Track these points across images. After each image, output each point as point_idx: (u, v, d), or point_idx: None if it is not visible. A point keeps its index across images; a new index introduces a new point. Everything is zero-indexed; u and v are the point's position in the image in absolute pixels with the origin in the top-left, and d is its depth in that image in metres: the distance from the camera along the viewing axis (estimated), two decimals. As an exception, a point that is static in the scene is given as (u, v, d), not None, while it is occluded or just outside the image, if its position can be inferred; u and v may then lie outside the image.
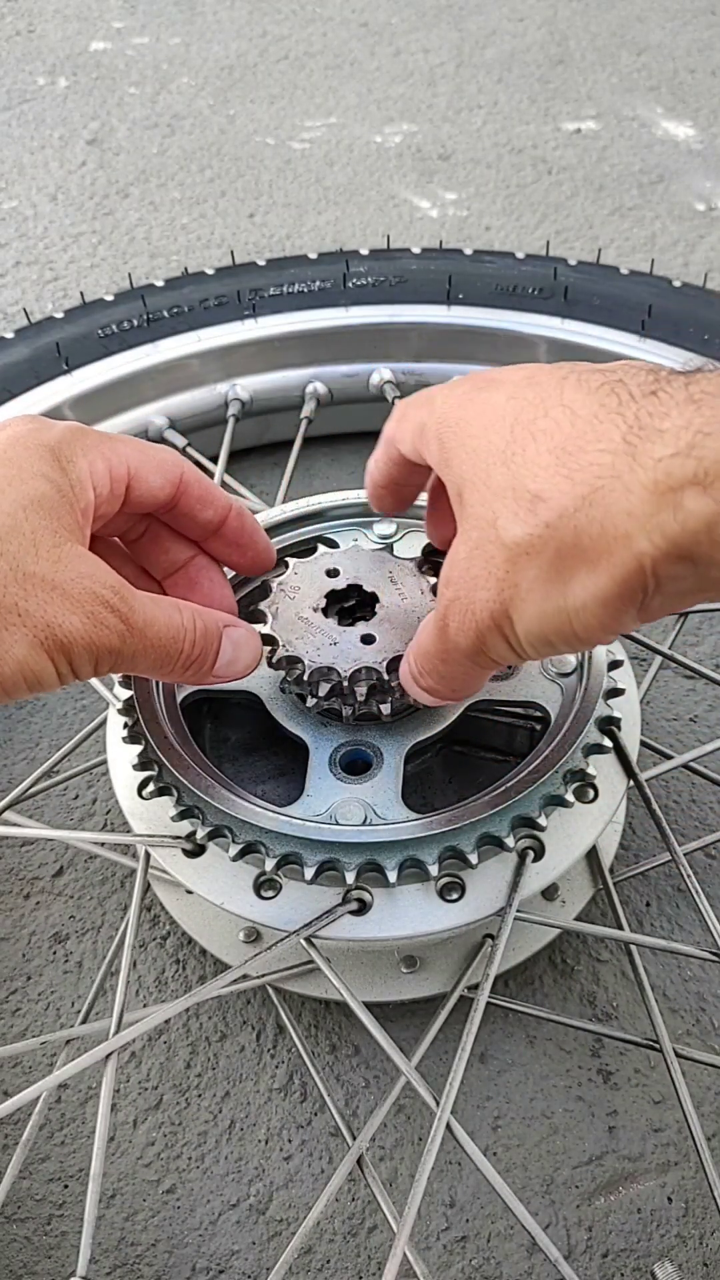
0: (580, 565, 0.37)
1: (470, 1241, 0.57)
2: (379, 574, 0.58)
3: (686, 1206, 0.58)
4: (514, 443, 0.40)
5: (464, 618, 0.42)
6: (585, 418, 0.37)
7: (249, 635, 0.52)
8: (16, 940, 0.70)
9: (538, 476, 0.38)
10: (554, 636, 0.40)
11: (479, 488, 0.41)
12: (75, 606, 0.42)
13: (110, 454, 0.48)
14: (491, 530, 0.40)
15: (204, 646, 0.49)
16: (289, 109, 1.50)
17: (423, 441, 0.46)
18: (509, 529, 0.39)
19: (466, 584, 0.41)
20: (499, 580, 0.40)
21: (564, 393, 0.39)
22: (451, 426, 0.44)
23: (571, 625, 0.39)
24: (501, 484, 0.39)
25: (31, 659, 0.42)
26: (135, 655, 0.45)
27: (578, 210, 1.31)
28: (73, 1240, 0.58)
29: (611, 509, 0.35)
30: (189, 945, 0.68)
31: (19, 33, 1.68)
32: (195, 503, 0.53)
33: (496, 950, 0.53)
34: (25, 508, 0.43)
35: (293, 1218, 0.58)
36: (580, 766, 0.54)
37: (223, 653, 0.50)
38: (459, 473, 0.42)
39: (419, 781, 0.61)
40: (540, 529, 0.38)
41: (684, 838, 0.71)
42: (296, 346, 0.93)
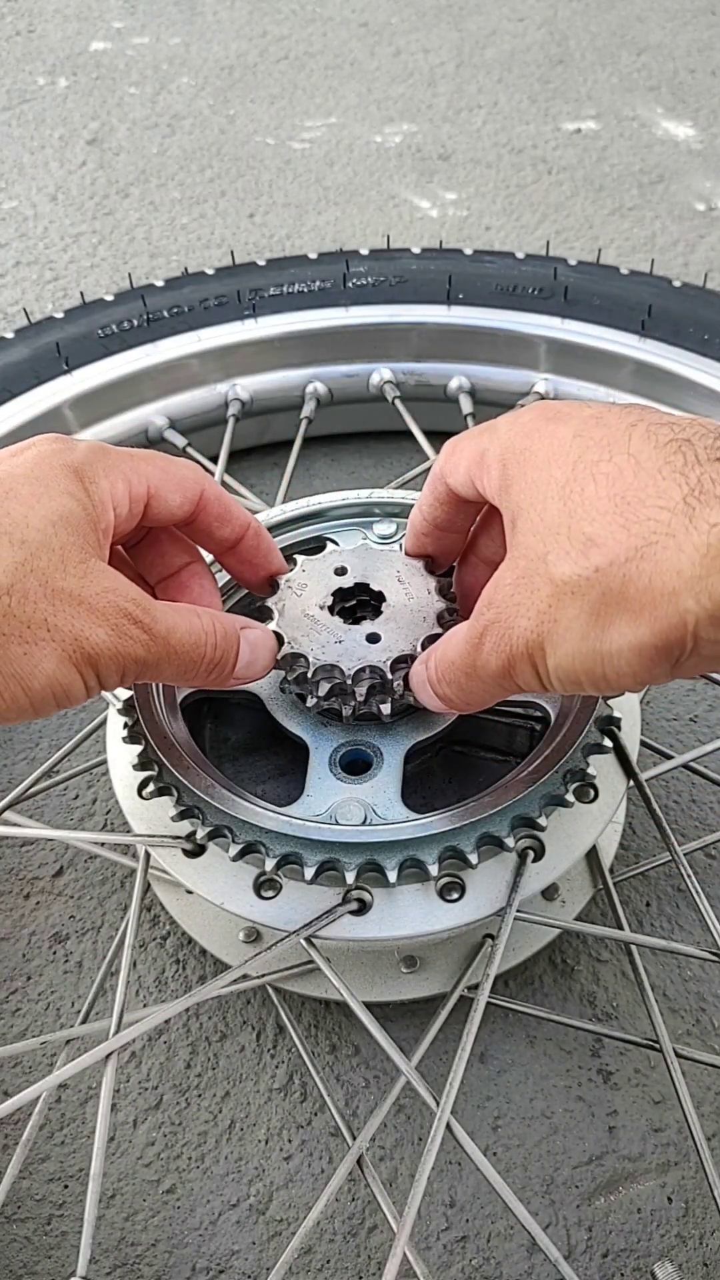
0: (623, 613, 0.38)
1: (470, 1241, 0.57)
2: (386, 573, 0.58)
3: (686, 1206, 0.58)
4: (574, 480, 0.41)
5: (499, 641, 0.43)
6: (649, 470, 0.38)
7: (264, 636, 0.53)
8: (16, 940, 0.70)
9: (594, 520, 0.39)
10: (583, 676, 0.41)
11: (533, 519, 0.42)
12: (101, 620, 0.43)
13: (131, 474, 0.49)
14: (541, 563, 0.41)
15: (225, 650, 0.50)
16: (289, 109, 1.50)
17: (481, 468, 0.47)
18: (558, 565, 0.40)
19: (508, 609, 0.43)
20: (540, 612, 0.41)
21: (631, 440, 0.40)
22: (516, 454, 0.44)
23: (603, 668, 0.40)
24: (556, 519, 0.41)
25: (60, 673, 0.42)
26: (160, 663, 0.46)
27: (578, 210, 1.31)
28: (73, 1240, 0.58)
29: (662, 565, 0.37)
30: (189, 945, 0.68)
31: (19, 33, 1.68)
32: (214, 520, 0.54)
33: (496, 950, 0.53)
34: (55, 524, 0.43)
35: (293, 1218, 0.58)
36: (580, 766, 0.54)
37: (241, 655, 0.51)
38: (516, 501, 0.44)
39: (419, 781, 0.61)
40: (589, 571, 0.39)
41: (684, 838, 0.71)
42: (296, 346, 0.93)
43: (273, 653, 0.54)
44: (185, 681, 0.50)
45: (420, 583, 0.57)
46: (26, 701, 0.42)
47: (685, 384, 0.86)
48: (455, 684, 0.48)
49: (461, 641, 0.46)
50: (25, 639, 0.41)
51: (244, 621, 0.53)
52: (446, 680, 0.49)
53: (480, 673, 0.45)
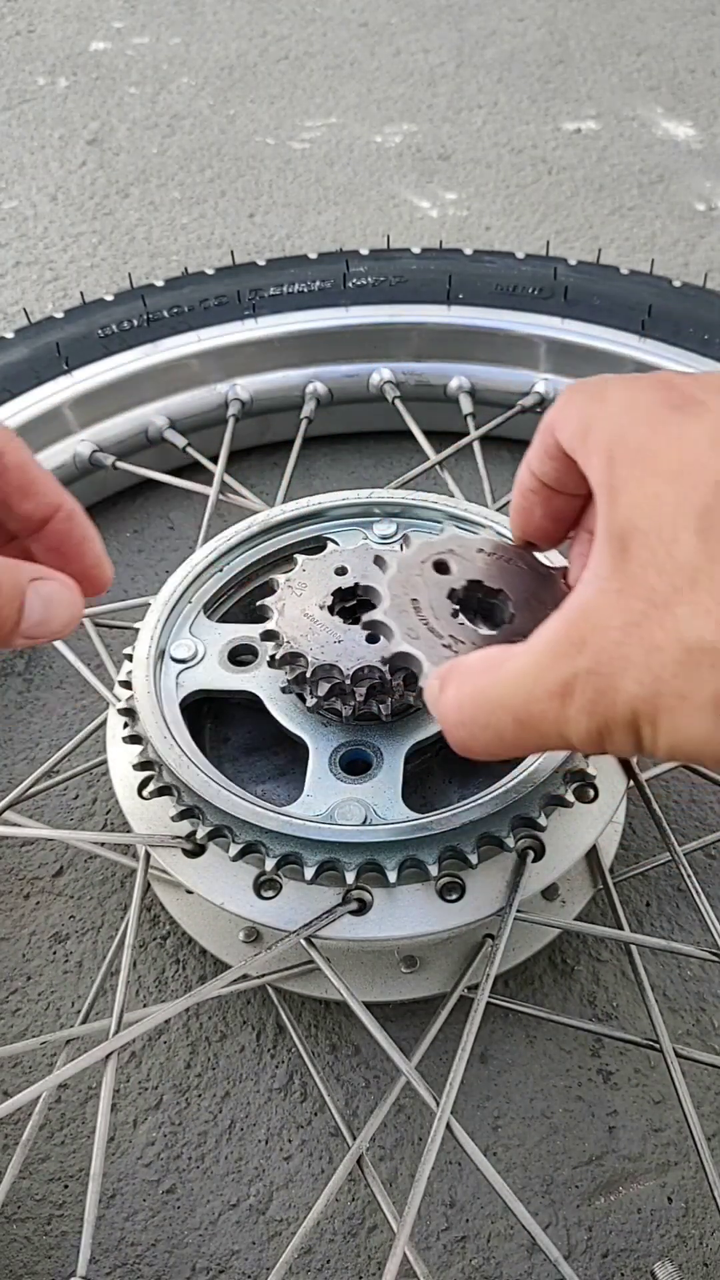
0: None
1: (470, 1241, 0.57)
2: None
3: (686, 1206, 0.58)
4: (718, 511, 0.33)
5: (597, 700, 0.34)
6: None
7: (62, 589, 0.45)
8: (16, 940, 0.70)
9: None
10: (709, 758, 0.33)
11: (655, 549, 0.34)
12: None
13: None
14: (665, 614, 0.33)
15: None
16: (289, 109, 1.50)
17: (584, 448, 0.39)
18: (695, 627, 0.32)
19: (613, 663, 0.34)
20: (658, 678, 0.33)
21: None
22: (631, 451, 0.36)
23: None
24: (691, 559, 0.33)
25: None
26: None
27: (578, 210, 1.31)
28: (73, 1240, 0.58)
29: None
30: (189, 945, 0.68)
31: (19, 33, 1.68)
32: (13, 491, 0.45)
33: (496, 950, 0.53)
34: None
35: (293, 1218, 0.58)
36: (580, 766, 0.54)
37: (29, 610, 0.43)
38: (628, 515, 0.35)
39: (419, 781, 0.61)
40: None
41: (684, 838, 0.71)
42: (296, 346, 0.93)
43: (74, 607, 0.45)
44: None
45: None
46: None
47: (685, 384, 0.86)
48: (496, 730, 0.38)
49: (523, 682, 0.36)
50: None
51: (37, 571, 0.44)
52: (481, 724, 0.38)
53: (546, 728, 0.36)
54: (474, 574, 0.48)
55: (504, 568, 0.48)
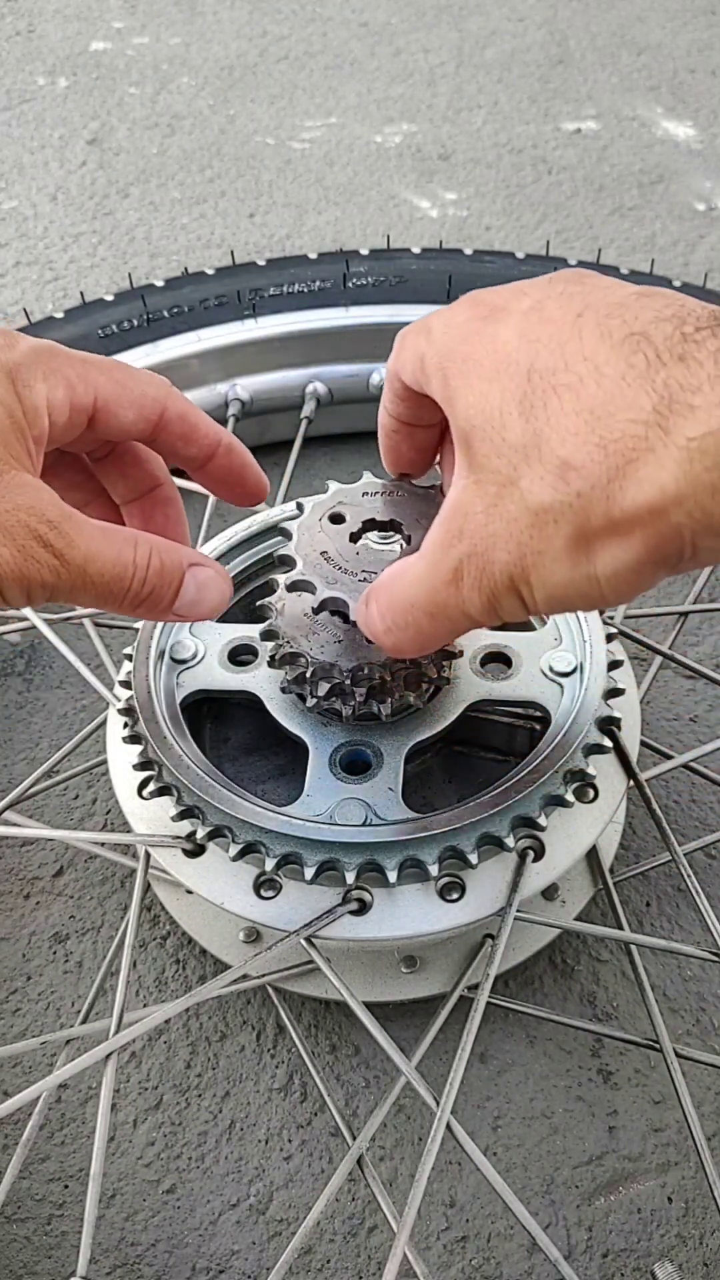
0: (612, 535, 0.36)
1: (470, 1241, 0.57)
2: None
3: (686, 1206, 0.58)
4: (532, 394, 0.38)
5: (480, 576, 0.40)
6: (612, 378, 0.36)
7: (217, 577, 0.49)
8: (16, 940, 0.70)
9: (565, 441, 0.36)
10: (577, 599, 0.39)
11: (493, 438, 0.39)
12: (6, 538, 0.40)
13: (77, 381, 0.45)
14: (512, 489, 0.38)
15: (156, 585, 0.46)
16: (289, 109, 1.50)
17: (423, 374, 0.44)
18: (535, 493, 0.37)
19: (483, 541, 0.39)
20: (521, 543, 0.38)
21: (583, 339, 0.37)
22: (456, 362, 0.41)
23: (600, 589, 0.38)
24: (521, 440, 0.38)
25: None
26: (74, 590, 0.43)
27: (578, 210, 1.31)
28: (73, 1240, 0.58)
29: (645, 483, 0.35)
30: (189, 945, 0.68)
31: (19, 33, 1.68)
32: (177, 440, 0.50)
33: (496, 950, 0.53)
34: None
35: (293, 1218, 0.58)
36: (580, 766, 0.54)
37: (184, 591, 0.47)
38: (466, 416, 0.40)
39: (419, 781, 0.61)
40: (571, 497, 0.36)
41: (684, 838, 0.71)
42: (296, 346, 0.93)
43: (224, 594, 0.50)
44: (111, 609, 0.46)
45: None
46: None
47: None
48: (415, 626, 0.44)
49: (423, 580, 0.42)
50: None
51: (195, 556, 0.49)
52: (401, 625, 0.44)
53: (450, 611, 0.42)
54: (365, 514, 0.55)
55: (389, 500, 0.55)
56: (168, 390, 0.49)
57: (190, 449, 0.51)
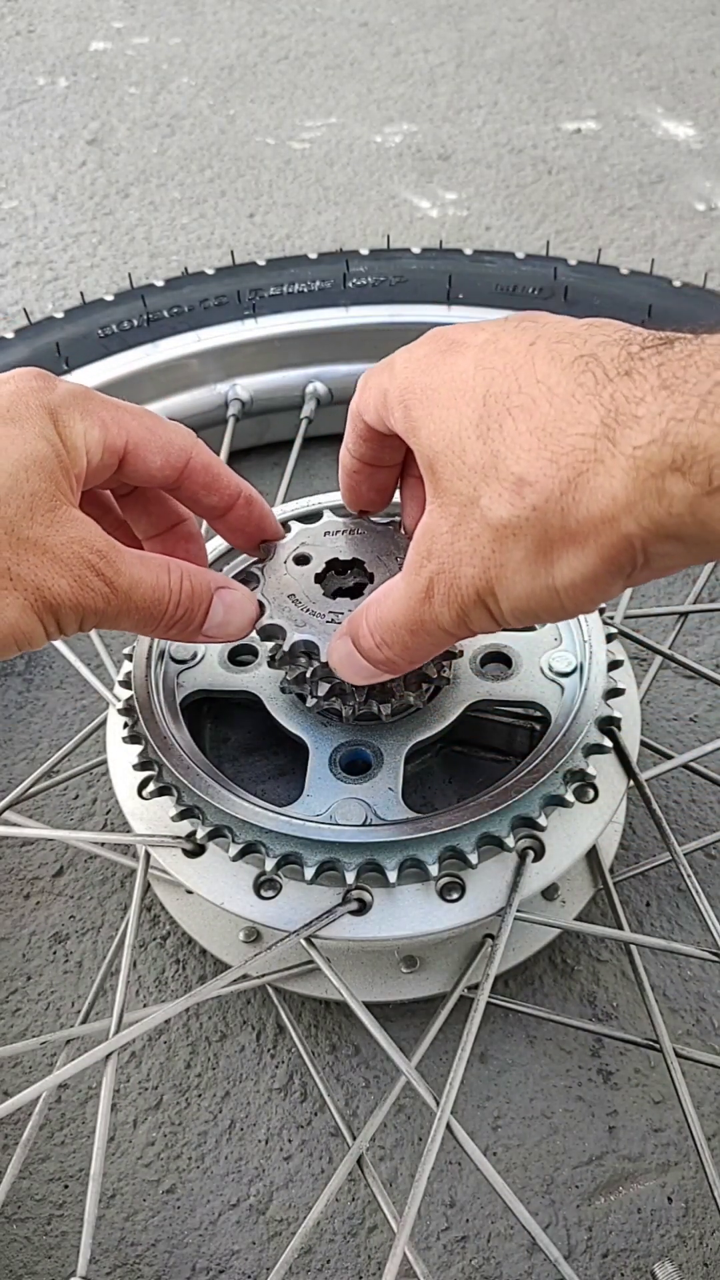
0: (568, 546, 0.38)
1: (470, 1241, 0.57)
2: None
3: (686, 1206, 0.58)
4: (488, 417, 0.40)
5: (448, 592, 0.42)
6: (563, 396, 0.37)
7: (244, 599, 0.52)
8: (16, 940, 0.70)
9: (520, 458, 0.38)
10: (540, 610, 0.41)
11: (453, 462, 0.41)
12: (65, 570, 0.43)
13: (111, 423, 0.48)
14: (474, 508, 0.40)
15: (189, 607, 0.49)
16: (289, 109, 1.50)
17: (386, 409, 0.46)
18: (494, 509, 0.39)
19: (450, 559, 0.42)
20: (484, 559, 0.40)
21: (535, 365, 0.39)
22: (416, 394, 0.43)
23: (559, 599, 0.40)
24: (479, 460, 0.40)
25: (23, 621, 0.43)
26: (119, 616, 0.46)
27: (578, 210, 1.31)
28: (73, 1240, 0.58)
29: (597, 493, 0.36)
30: (189, 945, 0.68)
31: (19, 33, 1.68)
32: (200, 489, 0.53)
33: (496, 950, 0.53)
34: (26, 468, 0.43)
35: (293, 1218, 0.58)
36: (580, 766, 0.54)
37: (213, 614, 0.51)
38: (429, 444, 0.42)
39: (419, 781, 0.61)
40: (527, 511, 0.38)
41: (684, 838, 0.71)
42: (296, 346, 0.93)
43: (251, 616, 0.53)
44: (147, 633, 0.49)
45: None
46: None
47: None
48: (400, 644, 0.46)
49: (402, 599, 0.45)
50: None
51: (222, 581, 0.52)
52: (389, 642, 0.47)
53: (428, 627, 0.44)
54: (329, 555, 0.57)
55: (351, 539, 0.57)
56: (194, 440, 0.52)
57: (212, 498, 0.53)
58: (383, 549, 0.57)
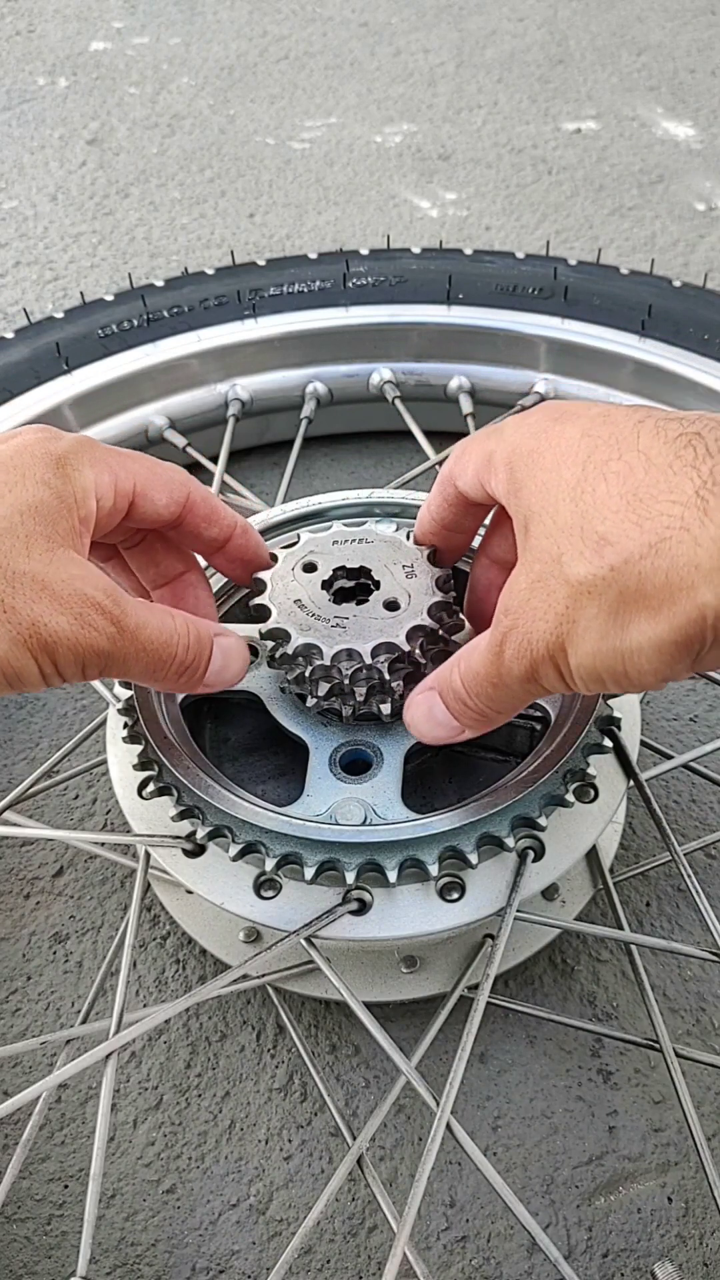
0: (641, 610, 0.38)
1: (470, 1241, 0.57)
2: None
3: (686, 1206, 0.58)
4: (585, 480, 0.40)
5: (520, 646, 0.43)
6: (660, 466, 0.38)
7: (238, 644, 0.53)
8: (16, 940, 0.70)
9: (606, 519, 0.39)
10: (605, 675, 0.41)
11: (545, 521, 0.42)
12: (63, 607, 0.42)
13: (118, 468, 0.49)
14: (556, 565, 0.40)
15: (197, 653, 0.49)
16: (289, 109, 1.50)
17: (489, 470, 0.47)
18: (574, 567, 0.39)
19: (526, 615, 0.42)
20: (558, 615, 0.41)
21: (640, 437, 0.40)
22: (524, 456, 0.44)
23: (624, 666, 0.39)
24: (569, 521, 0.40)
25: (13, 655, 0.42)
26: (127, 659, 0.45)
27: (578, 210, 1.31)
28: (73, 1240, 0.58)
29: (678, 560, 0.36)
30: (189, 945, 0.68)
31: (19, 33, 1.68)
32: (201, 521, 0.54)
33: (496, 950, 0.53)
34: (23, 512, 0.43)
35: (293, 1218, 0.58)
36: (580, 766, 0.54)
37: (214, 660, 0.51)
38: (527, 504, 0.43)
39: (419, 781, 0.61)
40: (605, 571, 0.38)
41: (684, 838, 0.71)
42: (296, 346, 0.93)
43: (245, 660, 0.53)
44: (153, 682, 0.49)
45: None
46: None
47: (685, 384, 0.86)
48: (484, 695, 0.47)
49: (485, 651, 0.46)
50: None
51: (218, 627, 0.52)
52: (476, 693, 0.48)
53: (506, 680, 0.45)
54: (336, 562, 0.57)
55: (358, 548, 0.58)
56: (189, 476, 0.53)
57: (213, 530, 0.54)
58: (389, 557, 0.57)
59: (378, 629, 0.54)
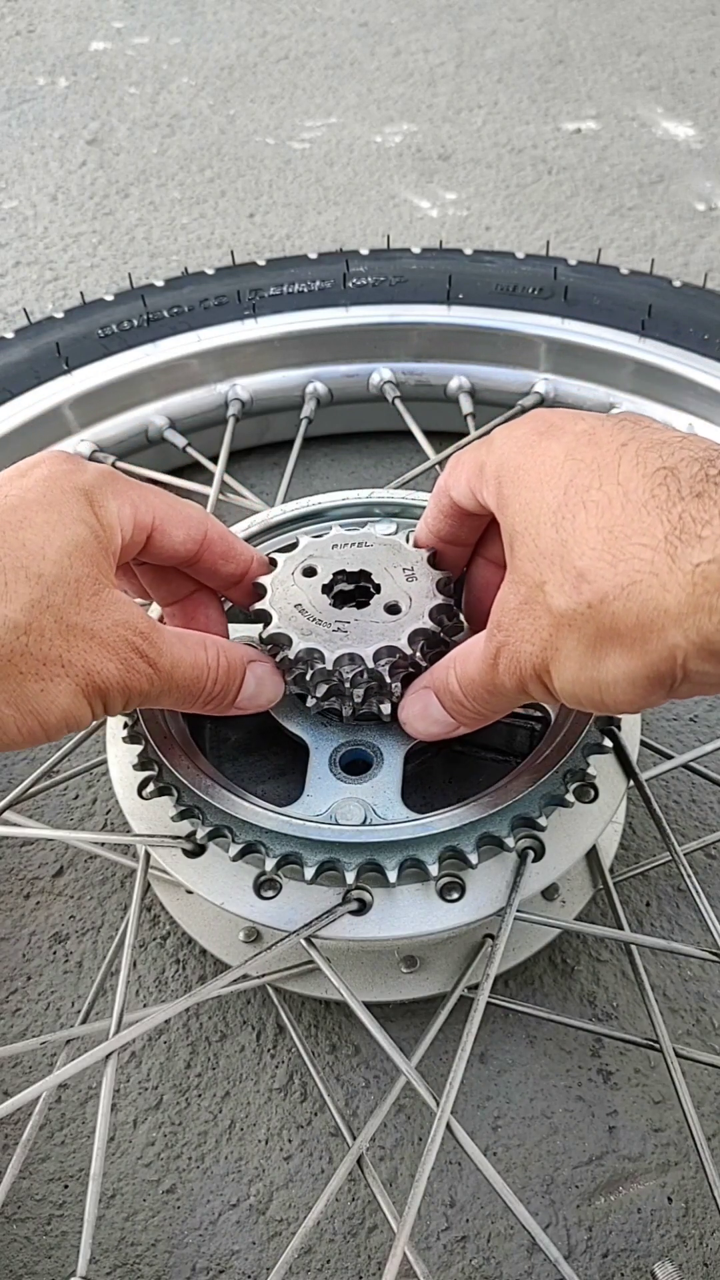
0: (615, 647, 0.39)
1: (470, 1241, 0.57)
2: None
3: (686, 1206, 0.58)
4: (565, 506, 0.41)
5: (511, 663, 0.45)
6: (636, 503, 0.39)
7: (272, 672, 0.54)
8: (16, 940, 0.70)
9: (584, 554, 0.40)
10: (584, 700, 0.43)
11: (528, 544, 0.43)
12: (111, 654, 0.45)
13: (139, 501, 0.49)
14: (540, 592, 0.42)
15: (225, 684, 0.51)
16: (289, 109, 1.50)
17: (480, 481, 0.48)
18: (555, 597, 0.41)
19: (516, 634, 0.44)
20: (543, 640, 0.43)
21: (621, 466, 0.40)
22: (510, 472, 0.45)
23: (601, 695, 0.41)
24: (550, 548, 0.41)
25: (74, 706, 0.44)
26: (161, 695, 0.48)
27: (578, 210, 1.31)
28: (73, 1240, 0.58)
29: (648, 603, 0.38)
30: (189, 945, 0.68)
31: (19, 33, 1.68)
32: (218, 559, 0.55)
33: (496, 950, 0.53)
34: (70, 555, 0.44)
35: (293, 1218, 0.58)
36: (580, 766, 0.54)
37: (245, 687, 0.53)
38: (512, 523, 0.45)
39: (419, 781, 0.61)
40: (583, 607, 0.40)
41: (684, 838, 0.71)
42: (296, 346, 0.93)
43: (278, 686, 0.55)
44: (184, 709, 0.52)
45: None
46: (43, 734, 0.44)
47: (685, 384, 0.86)
48: (479, 699, 0.50)
49: (480, 660, 0.48)
50: (42, 676, 0.43)
51: (252, 654, 0.54)
52: (471, 696, 0.50)
53: (499, 689, 0.47)
54: (336, 566, 0.57)
55: (358, 551, 0.58)
56: (206, 513, 0.54)
57: (229, 566, 0.56)
58: (389, 560, 0.57)
59: (379, 632, 0.54)
